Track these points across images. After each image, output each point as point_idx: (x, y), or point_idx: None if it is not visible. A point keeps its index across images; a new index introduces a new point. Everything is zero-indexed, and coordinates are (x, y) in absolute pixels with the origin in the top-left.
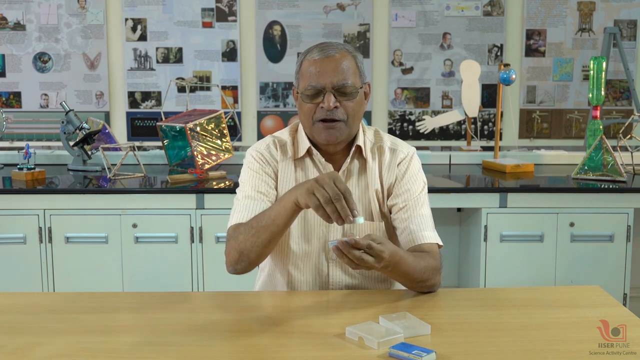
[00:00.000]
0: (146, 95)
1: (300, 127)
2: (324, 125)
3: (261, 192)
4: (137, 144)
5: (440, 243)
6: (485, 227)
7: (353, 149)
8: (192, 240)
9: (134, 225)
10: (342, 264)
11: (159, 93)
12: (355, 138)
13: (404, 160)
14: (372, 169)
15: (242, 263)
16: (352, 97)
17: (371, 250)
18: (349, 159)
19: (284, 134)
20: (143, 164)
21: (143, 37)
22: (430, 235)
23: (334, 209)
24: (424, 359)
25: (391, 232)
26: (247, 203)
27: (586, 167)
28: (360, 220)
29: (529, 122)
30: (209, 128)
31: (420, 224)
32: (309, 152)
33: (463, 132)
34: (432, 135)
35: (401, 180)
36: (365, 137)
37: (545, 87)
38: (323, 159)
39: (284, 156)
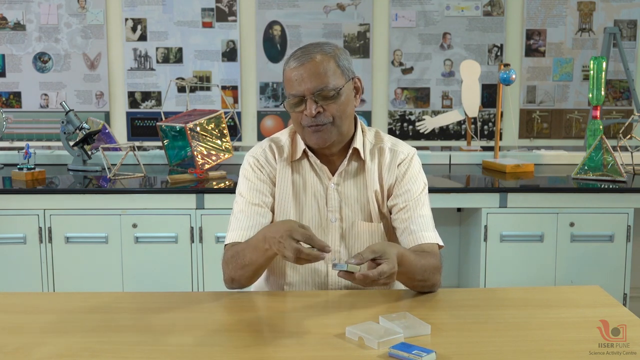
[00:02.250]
0: (146, 95)
1: None
2: (311, 130)
3: (255, 204)
4: (137, 144)
5: (441, 243)
6: (485, 227)
7: (350, 151)
8: (192, 240)
9: (134, 225)
10: None
11: (159, 93)
12: (352, 140)
13: (405, 161)
14: (371, 170)
15: (235, 285)
16: (335, 99)
17: (383, 274)
18: (345, 161)
19: (283, 135)
20: (143, 164)
21: (143, 37)
22: (430, 235)
23: (307, 259)
24: (424, 359)
25: (391, 232)
26: (240, 219)
27: (586, 167)
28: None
29: (529, 122)
30: (209, 128)
31: (420, 225)
32: (305, 154)
33: (463, 132)
34: (432, 135)
35: (401, 181)
36: (365, 139)
37: (545, 87)
38: (318, 161)
39: (281, 159)
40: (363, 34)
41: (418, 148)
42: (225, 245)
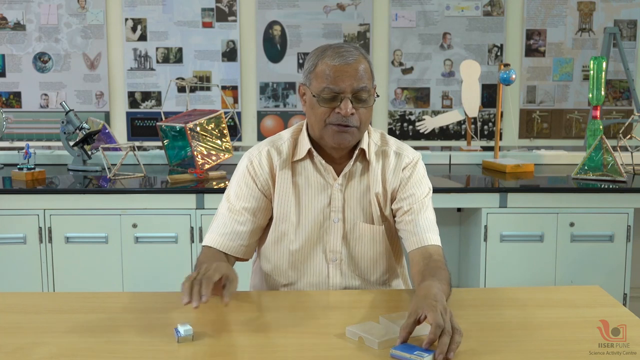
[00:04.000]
0: (146, 95)
1: (304, 128)
2: (337, 128)
3: (235, 211)
4: (137, 144)
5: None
6: (485, 227)
7: (357, 152)
8: (192, 240)
9: (134, 225)
10: (342, 266)
11: (159, 93)
12: (359, 141)
13: (409, 165)
14: (375, 172)
15: None
16: (368, 104)
17: (438, 319)
18: (352, 162)
19: (286, 134)
20: (143, 164)
21: (143, 37)
22: (435, 237)
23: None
24: (424, 359)
25: (392, 235)
26: (219, 224)
27: (586, 167)
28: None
29: (529, 122)
30: (209, 128)
31: (424, 227)
32: (309, 154)
33: (463, 132)
34: (432, 135)
35: (406, 185)
36: (370, 140)
37: (545, 87)
38: (323, 161)
39: (281, 161)
40: (363, 34)
41: (418, 148)
42: (203, 247)
